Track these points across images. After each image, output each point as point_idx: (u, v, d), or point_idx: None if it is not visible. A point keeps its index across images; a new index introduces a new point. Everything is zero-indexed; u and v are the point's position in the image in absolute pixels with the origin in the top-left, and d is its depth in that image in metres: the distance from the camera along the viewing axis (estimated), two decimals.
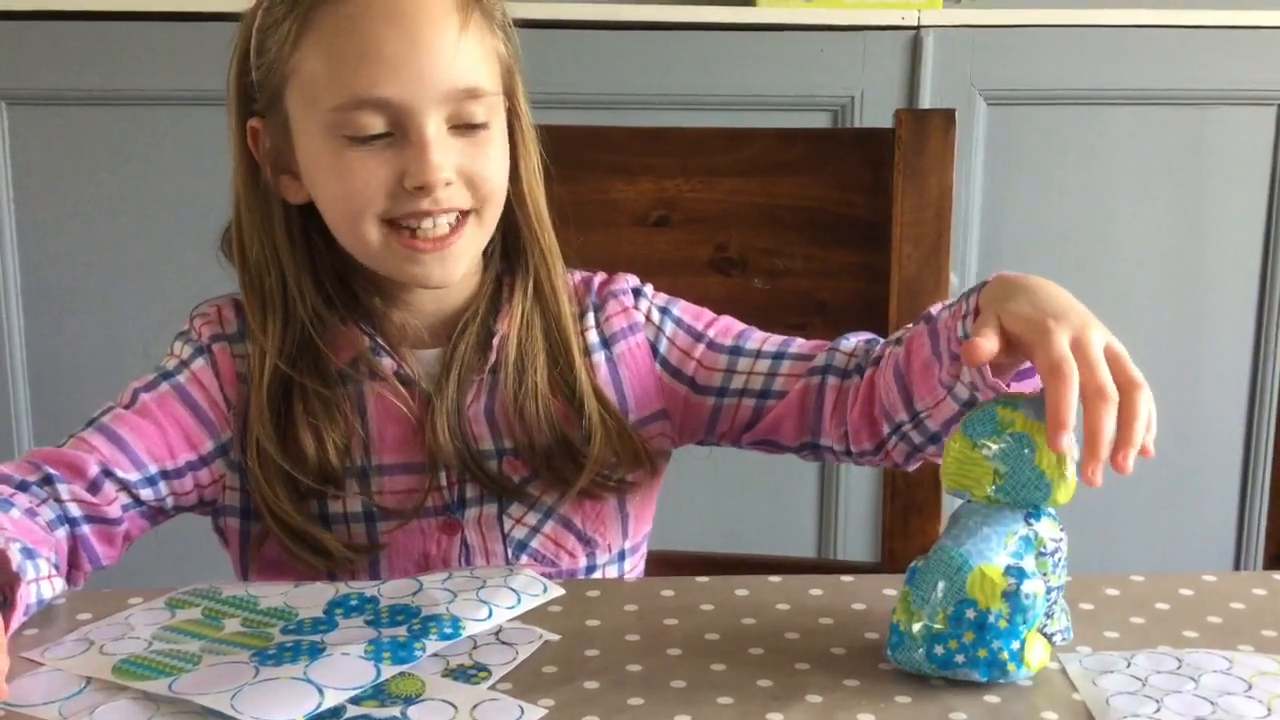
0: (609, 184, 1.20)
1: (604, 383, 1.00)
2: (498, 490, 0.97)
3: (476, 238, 0.94)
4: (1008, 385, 0.80)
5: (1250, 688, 0.73)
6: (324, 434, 0.94)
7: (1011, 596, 0.71)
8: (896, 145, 1.16)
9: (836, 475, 1.95)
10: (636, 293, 1.03)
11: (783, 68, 1.86)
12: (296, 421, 0.94)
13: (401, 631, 0.78)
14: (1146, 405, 0.72)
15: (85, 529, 0.90)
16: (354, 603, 0.83)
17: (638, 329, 1.02)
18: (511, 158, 0.96)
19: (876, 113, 1.85)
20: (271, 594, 0.85)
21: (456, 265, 0.93)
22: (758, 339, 1.02)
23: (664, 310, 1.03)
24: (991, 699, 0.72)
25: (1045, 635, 0.75)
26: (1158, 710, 0.71)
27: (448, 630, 0.79)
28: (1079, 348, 0.73)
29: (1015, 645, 0.72)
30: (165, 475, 0.94)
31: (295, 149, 0.93)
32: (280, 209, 0.95)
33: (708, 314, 1.04)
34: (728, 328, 1.03)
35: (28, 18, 1.82)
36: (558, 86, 1.85)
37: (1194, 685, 0.73)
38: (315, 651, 0.75)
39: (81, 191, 1.87)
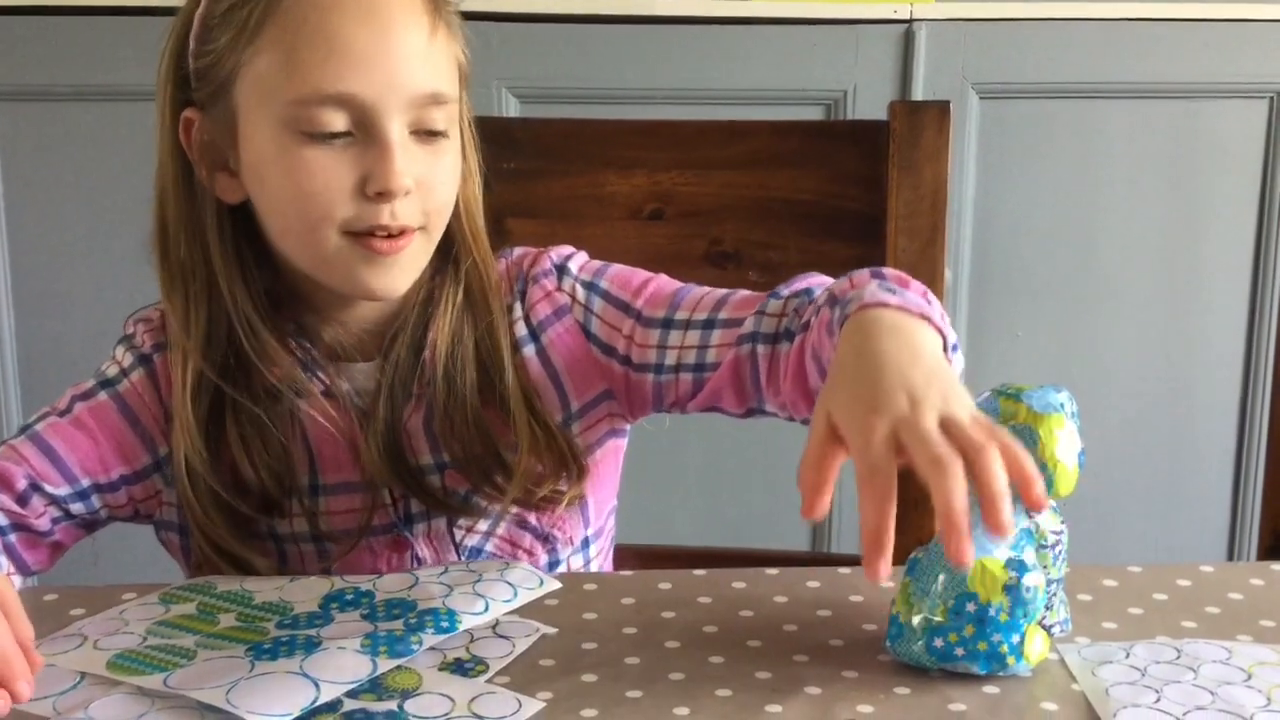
0: (603, 178, 1.19)
1: (537, 377, 0.96)
2: (441, 507, 0.94)
3: (423, 250, 0.90)
4: None
5: (1250, 678, 0.73)
6: (258, 459, 0.90)
7: (1012, 590, 0.71)
8: (891, 138, 1.15)
9: None
10: (561, 270, 0.98)
11: (775, 61, 1.86)
12: (231, 445, 0.90)
13: (398, 625, 0.78)
14: (995, 463, 0.64)
15: (11, 538, 0.88)
16: (349, 597, 0.83)
17: (564, 312, 0.97)
18: None
19: (870, 106, 1.85)
20: (266, 588, 0.85)
21: (404, 276, 0.90)
22: (690, 304, 0.95)
23: (590, 285, 0.98)
24: (991, 690, 0.72)
25: (1044, 627, 0.75)
26: (1157, 700, 0.70)
27: (444, 624, 0.78)
28: (904, 430, 0.66)
29: (1015, 639, 0.72)
30: (98, 489, 0.91)
31: (240, 145, 0.88)
32: (213, 207, 0.90)
33: (639, 278, 0.98)
34: (658, 295, 0.96)
35: (16, 12, 1.81)
36: (549, 80, 1.85)
37: (1193, 675, 0.73)
38: (311, 646, 0.75)
39: (71, 188, 1.86)
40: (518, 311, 0.97)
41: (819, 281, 0.92)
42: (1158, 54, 1.86)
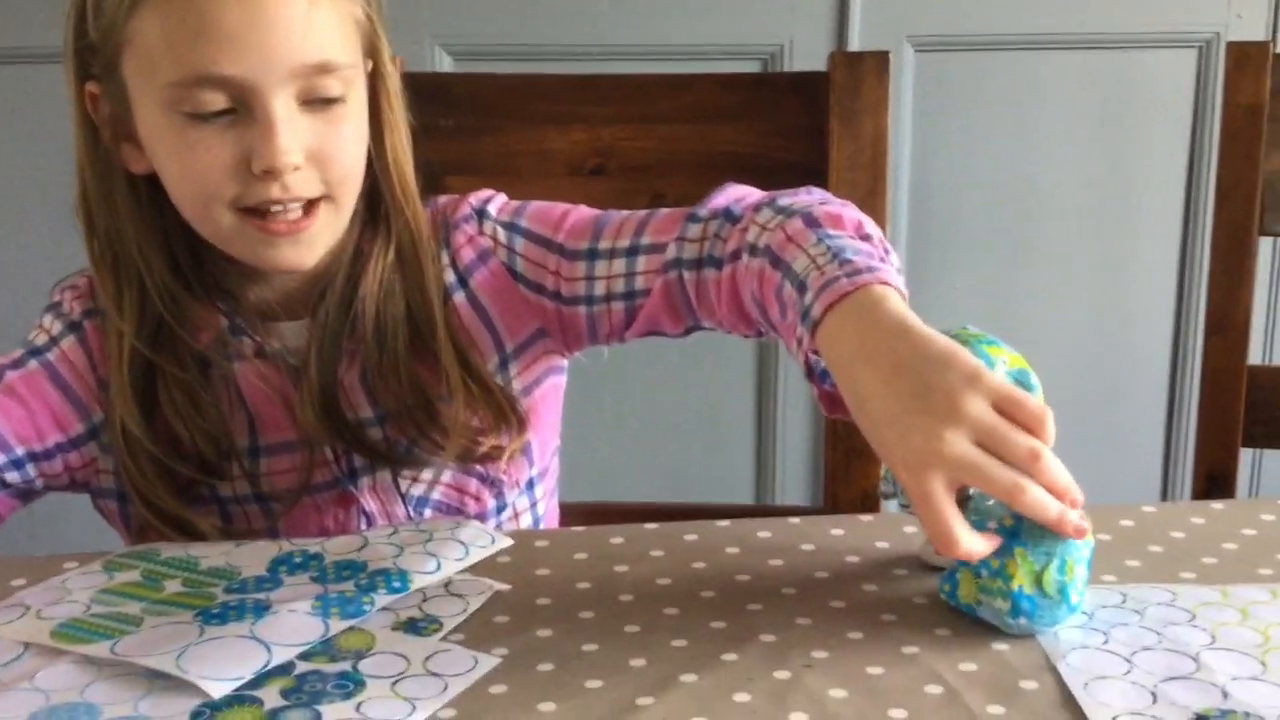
0: (542, 133, 1.18)
1: (469, 321, 0.96)
2: (384, 460, 0.93)
3: (333, 223, 0.88)
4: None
5: (1194, 617, 0.74)
6: (191, 424, 0.89)
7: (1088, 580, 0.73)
8: (831, 89, 1.15)
9: (774, 423, 1.96)
10: (480, 215, 0.98)
11: (712, 16, 1.85)
12: (164, 409, 0.89)
13: (349, 586, 0.77)
14: (1055, 467, 0.68)
15: None
16: (298, 560, 0.82)
17: (488, 256, 0.97)
18: (375, 124, 0.90)
19: (806, 61, 1.84)
20: (213, 553, 0.84)
21: (312, 250, 0.88)
22: (611, 231, 0.95)
23: (510, 226, 0.97)
24: (942, 631, 0.73)
25: None
26: (1106, 642, 0.72)
27: (396, 584, 0.78)
28: (960, 474, 0.67)
29: (1067, 617, 0.73)
30: (33, 457, 0.89)
31: (135, 119, 0.86)
32: (123, 178, 0.88)
33: (558, 211, 0.98)
34: (580, 226, 0.96)
35: None
36: (483, 37, 1.83)
37: (1139, 618, 0.74)
38: (260, 610, 0.74)
39: None
40: (444, 259, 0.96)
41: (738, 196, 0.92)
42: (1090, 5, 1.87)
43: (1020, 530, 0.72)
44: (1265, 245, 1.75)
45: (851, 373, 0.73)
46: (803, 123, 1.17)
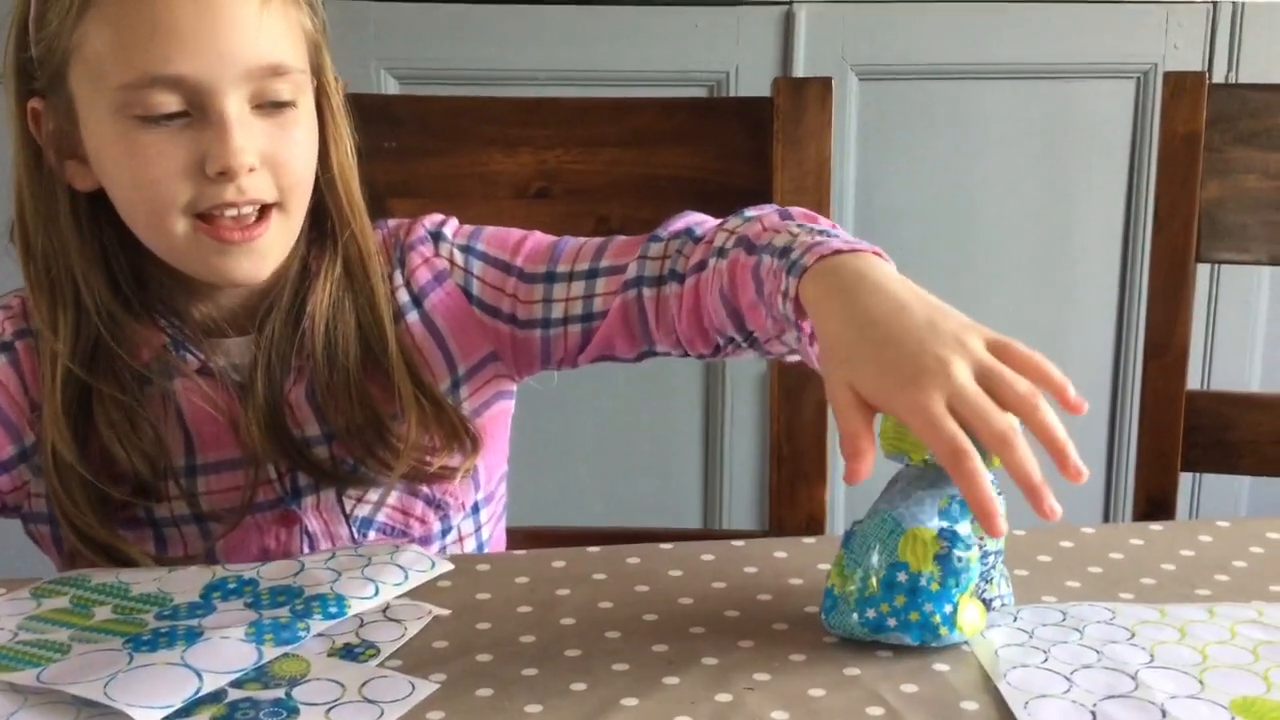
0: (487, 156, 1.18)
1: (422, 342, 0.95)
2: (329, 479, 0.92)
3: (284, 231, 0.87)
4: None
5: (1133, 636, 0.75)
6: (128, 445, 0.87)
7: (944, 559, 0.71)
8: (775, 114, 1.16)
9: (721, 448, 1.96)
10: (436, 237, 0.97)
11: (657, 43, 1.85)
12: (100, 431, 0.87)
13: (284, 612, 0.76)
14: (1050, 415, 0.67)
15: None
16: (232, 586, 0.80)
17: (444, 277, 0.96)
18: (320, 138, 0.89)
19: (751, 88, 1.85)
20: (144, 579, 0.82)
21: (264, 261, 0.87)
22: (569, 255, 0.96)
23: (467, 249, 0.97)
24: (884, 654, 0.72)
25: (984, 600, 0.74)
26: (1045, 660, 0.72)
27: (332, 609, 0.76)
28: (958, 403, 0.66)
29: (948, 609, 0.71)
30: None
31: (82, 132, 0.85)
32: (66, 197, 0.87)
33: (515, 237, 0.98)
34: (537, 251, 0.97)
35: None
36: (429, 62, 1.82)
37: (1079, 635, 0.75)
38: (192, 636, 0.72)
39: None
40: (398, 279, 0.96)
41: (697, 220, 0.94)
42: (1030, 36, 1.89)
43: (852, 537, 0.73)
44: (1203, 271, 1.78)
45: (855, 294, 0.73)
46: (747, 147, 1.18)
